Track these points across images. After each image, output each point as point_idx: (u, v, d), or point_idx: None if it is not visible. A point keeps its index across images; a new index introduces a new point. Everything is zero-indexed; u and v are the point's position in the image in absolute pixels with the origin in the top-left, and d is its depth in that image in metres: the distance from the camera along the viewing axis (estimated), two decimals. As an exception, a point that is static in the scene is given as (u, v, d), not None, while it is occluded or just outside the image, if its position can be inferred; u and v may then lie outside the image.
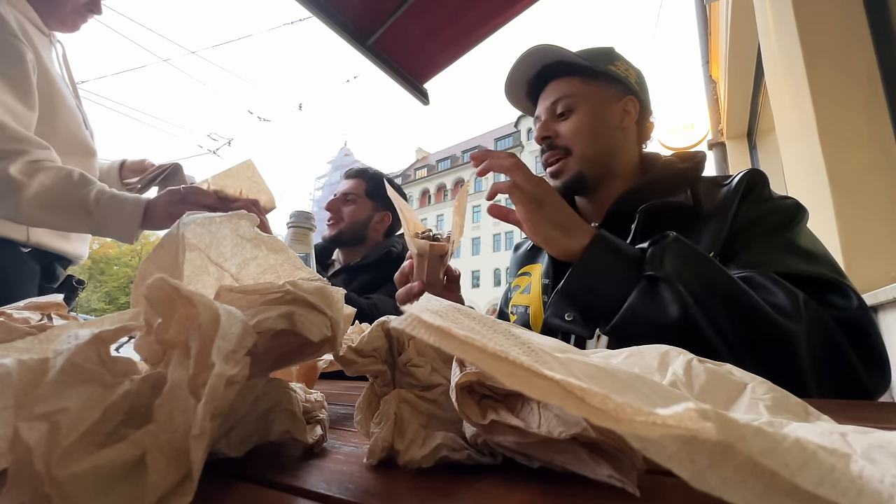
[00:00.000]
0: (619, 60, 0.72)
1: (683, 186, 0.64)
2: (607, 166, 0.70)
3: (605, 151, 0.70)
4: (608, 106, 0.70)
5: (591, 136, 0.69)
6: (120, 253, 29.33)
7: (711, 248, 0.57)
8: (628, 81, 0.71)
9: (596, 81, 0.70)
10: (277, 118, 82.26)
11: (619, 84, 0.71)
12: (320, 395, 0.29)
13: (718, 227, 0.58)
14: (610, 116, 0.70)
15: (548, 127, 0.71)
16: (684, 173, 0.66)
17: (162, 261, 0.23)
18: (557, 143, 0.70)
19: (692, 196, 0.62)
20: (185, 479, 0.14)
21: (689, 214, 0.61)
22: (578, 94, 0.70)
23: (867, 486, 0.10)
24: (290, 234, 0.54)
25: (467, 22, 1.72)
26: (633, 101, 0.71)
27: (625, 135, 0.71)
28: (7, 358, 0.15)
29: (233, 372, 0.15)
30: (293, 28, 12.65)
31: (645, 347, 0.27)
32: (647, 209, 0.62)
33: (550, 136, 0.71)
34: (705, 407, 0.10)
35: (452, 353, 0.14)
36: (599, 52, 0.72)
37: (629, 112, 0.71)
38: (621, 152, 0.71)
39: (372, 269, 1.18)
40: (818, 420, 0.21)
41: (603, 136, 0.69)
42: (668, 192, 0.63)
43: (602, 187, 0.71)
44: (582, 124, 0.69)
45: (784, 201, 0.59)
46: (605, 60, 0.71)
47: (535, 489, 0.17)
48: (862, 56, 1.28)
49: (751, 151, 3.33)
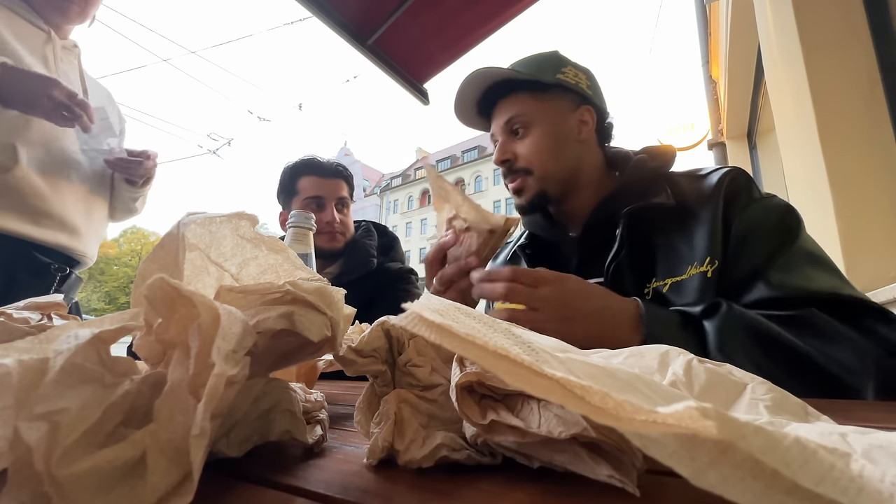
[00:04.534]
0: (566, 66, 0.70)
1: (661, 185, 0.63)
2: (571, 180, 0.69)
3: (566, 167, 0.68)
4: (563, 119, 0.68)
5: (550, 155, 0.67)
6: (120, 253, 29.34)
7: (709, 253, 0.55)
8: (580, 89, 0.69)
9: (547, 95, 0.68)
10: (277, 118, 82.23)
11: (571, 94, 0.69)
12: (320, 395, 0.29)
13: (710, 228, 0.57)
14: (567, 130, 0.68)
15: (505, 149, 0.69)
16: (657, 171, 0.66)
17: (162, 261, 0.23)
18: (517, 166, 0.69)
19: (672, 194, 0.62)
20: (185, 479, 0.14)
21: (673, 213, 0.61)
22: (531, 111, 0.68)
23: (867, 485, 0.10)
24: (290, 234, 0.54)
25: (467, 22, 1.72)
26: (589, 111, 0.70)
27: (585, 146, 0.70)
28: (7, 358, 0.15)
29: (233, 372, 0.15)
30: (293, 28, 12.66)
31: (645, 347, 0.27)
32: (631, 212, 0.61)
33: (510, 159, 0.69)
34: (706, 405, 0.10)
35: (453, 350, 0.14)
36: (545, 61, 0.70)
37: (586, 122, 0.69)
38: (584, 163, 0.70)
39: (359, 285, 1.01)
40: (818, 420, 0.21)
41: (563, 152, 0.68)
42: (646, 194, 0.63)
43: (570, 199, 0.70)
44: (540, 144, 0.67)
45: (773, 201, 0.58)
46: (553, 69, 0.68)
47: (535, 489, 0.17)
48: (862, 56, 1.28)
49: (751, 151, 3.33)
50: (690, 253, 0.58)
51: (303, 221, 0.55)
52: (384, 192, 39.23)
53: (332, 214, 1.05)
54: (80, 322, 0.20)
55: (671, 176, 0.66)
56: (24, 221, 0.94)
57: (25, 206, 0.94)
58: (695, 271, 0.56)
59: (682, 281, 0.57)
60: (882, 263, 1.15)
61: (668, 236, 0.61)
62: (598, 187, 0.70)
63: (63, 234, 1.00)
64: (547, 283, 0.50)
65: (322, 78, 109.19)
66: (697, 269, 0.56)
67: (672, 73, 19.04)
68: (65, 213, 1.01)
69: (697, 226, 0.58)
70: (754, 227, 0.56)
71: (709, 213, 0.58)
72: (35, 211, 0.96)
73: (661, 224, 0.61)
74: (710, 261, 0.55)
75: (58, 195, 1.00)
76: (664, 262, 0.60)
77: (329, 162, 1.12)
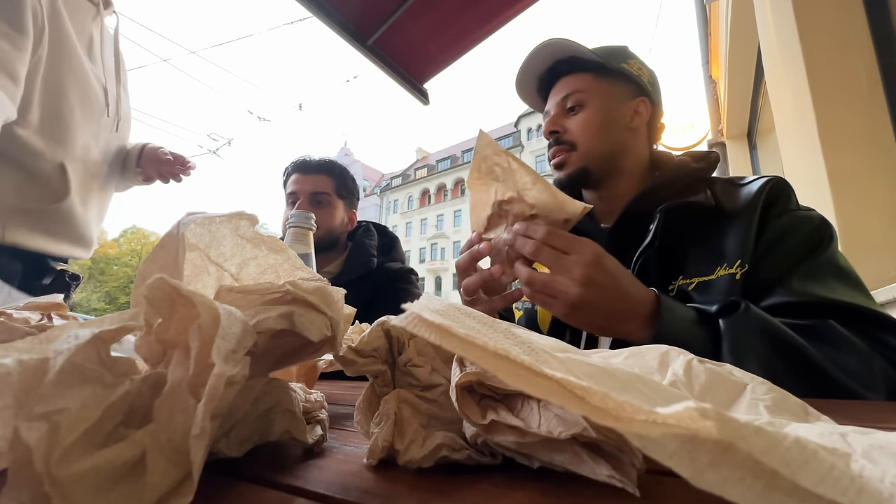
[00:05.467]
0: (632, 59, 0.71)
1: (701, 186, 0.63)
2: (614, 164, 0.69)
3: (612, 149, 0.69)
4: (618, 104, 0.69)
5: (598, 133, 0.68)
6: (120, 253, 29.35)
7: (740, 256, 0.55)
8: (641, 81, 0.70)
9: (608, 79, 0.70)
10: (277, 118, 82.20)
11: (631, 83, 0.70)
12: (320, 395, 0.29)
13: (744, 232, 0.56)
14: (619, 115, 0.69)
15: (556, 122, 0.70)
16: (699, 173, 0.65)
17: (162, 261, 0.23)
18: (564, 139, 0.70)
19: (712, 196, 0.61)
20: (185, 479, 0.14)
21: (710, 214, 0.60)
22: (589, 90, 0.69)
23: (867, 485, 0.10)
24: (290, 234, 0.54)
25: (467, 22, 1.72)
26: (645, 103, 0.71)
27: (634, 135, 0.70)
28: (7, 358, 0.15)
29: (233, 372, 0.15)
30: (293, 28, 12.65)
31: (645, 347, 0.27)
32: (668, 209, 0.61)
33: (558, 131, 0.70)
34: (705, 406, 0.10)
35: (453, 351, 0.14)
36: (613, 50, 0.71)
37: (640, 113, 0.70)
38: (630, 152, 0.70)
39: (359, 285, 1.00)
40: (818, 420, 0.21)
41: (611, 134, 0.69)
42: (684, 192, 0.62)
43: (609, 184, 0.70)
44: (590, 120, 0.68)
45: (809, 213, 0.58)
46: (619, 58, 0.70)
47: (535, 489, 0.17)
48: (862, 56, 1.28)
49: (751, 151, 3.33)
50: (721, 254, 0.57)
51: (303, 221, 0.55)
52: (384, 192, 39.22)
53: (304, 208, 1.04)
54: (80, 322, 0.20)
55: (712, 180, 0.65)
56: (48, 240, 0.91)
57: (73, 232, 0.92)
58: (723, 272, 0.56)
59: (709, 281, 0.57)
60: (882, 263, 1.15)
61: (702, 236, 0.60)
62: (638, 180, 0.70)
63: (80, 248, 0.98)
64: (581, 253, 0.48)
65: (322, 78, 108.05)
66: (726, 271, 0.56)
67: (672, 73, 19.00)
68: (88, 230, 0.98)
69: (733, 229, 0.58)
70: (785, 234, 0.56)
71: (746, 218, 0.57)
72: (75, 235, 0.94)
73: (697, 224, 0.61)
74: (741, 264, 0.55)
75: (87, 213, 0.97)
76: (694, 262, 0.59)
77: (315, 159, 1.11)
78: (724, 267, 0.56)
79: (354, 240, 1.14)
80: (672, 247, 0.61)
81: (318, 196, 1.07)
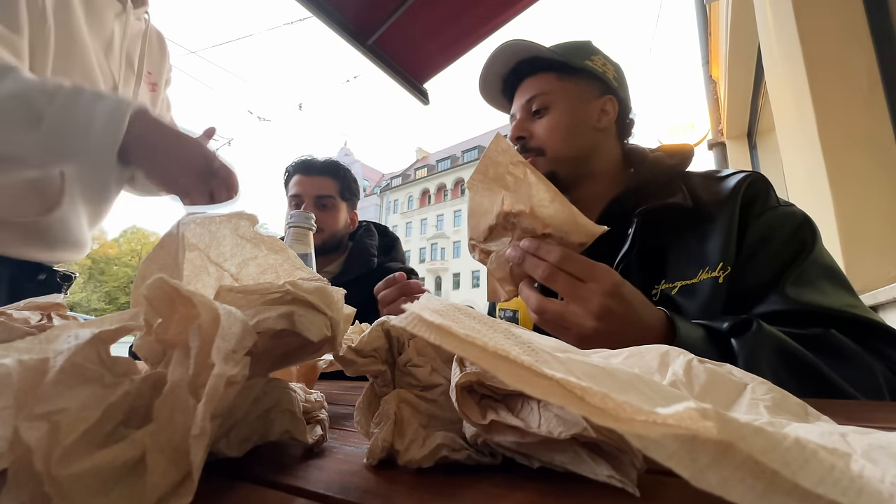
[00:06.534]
0: (596, 55, 0.69)
1: (677, 184, 0.62)
2: (583, 166, 0.68)
3: (580, 152, 0.67)
4: (584, 104, 0.68)
5: (565, 137, 0.67)
6: (120, 253, 29.35)
7: (722, 259, 0.55)
8: (606, 78, 0.69)
9: (572, 78, 0.68)
10: (277, 118, 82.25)
11: (596, 81, 0.69)
12: (320, 395, 0.29)
13: (725, 234, 0.56)
14: (586, 115, 0.68)
15: (522, 127, 0.69)
16: (674, 170, 0.64)
17: (162, 261, 0.23)
18: (531, 145, 0.68)
19: (689, 195, 0.60)
20: (185, 479, 0.14)
21: (689, 215, 0.59)
22: (553, 91, 0.68)
23: (868, 485, 0.10)
24: (290, 234, 0.54)
25: (467, 22, 1.72)
26: (612, 101, 0.69)
27: (603, 135, 0.69)
28: (7, 358, 0.15)
29: (233, 372, 0.15)
30: (293, 28, 12.65)
31: (644, 347, 0.27)
32: (646, 212, 0.60)
33: (524, 137, 0.69)
34: (706, 406, 0.10)
35: (453, 351, 0.14)
36: (576, 47, 0.70)
37: (607, 111, 0.69)
38: (600, 152, 0.69)
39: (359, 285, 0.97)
40: (818, 420, 0.21)
41: (578, 137, 0.67)
42: (663, 193, 0.61)
43: (580, 187, 0.69)
44: (557, 123, 0.67)
45: (790, 209, 0.57)
46: (582, 55, 0.68)
47: (535, 489, 0.17)
48: (862, 56, 1.28)
49: (751, 151, 3.33)
50: (703, 257, 0.56)
51: (303, 221, 0.55)
52: (384, 192, 39.25)
53: None
54: (80, 322, 0.20)
55: (688, 176, 0.64)
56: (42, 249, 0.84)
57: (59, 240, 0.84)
58: (706, 276, 0.55)
59: (692, 285, 0.56)
60: (882, 263, 1.15)
61: (682, 238, 0.59)
62: (612, 181, 0.69)
63: (72, 252, 0.93)
64: (600, 281, 0.45)
65: (322, 78, 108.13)
66: (709, 275, 0.55)
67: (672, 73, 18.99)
68: (81, 235, 0.92)
69: (712, 230, 0.57)
70: (768, 235, 0.55)
71: (724, 218, 0.56)
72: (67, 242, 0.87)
73: (675, 225, 0.60)
74: (723, 266, 0.54)
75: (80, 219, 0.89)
76: (675, 265, 0.59)
77: (319, 160, 1.11)
78: (706, 270, 0.55)
79: (355, 240, 1.14)
80: (651, 250, 0.60)
81: (322, 199, 1.06)
